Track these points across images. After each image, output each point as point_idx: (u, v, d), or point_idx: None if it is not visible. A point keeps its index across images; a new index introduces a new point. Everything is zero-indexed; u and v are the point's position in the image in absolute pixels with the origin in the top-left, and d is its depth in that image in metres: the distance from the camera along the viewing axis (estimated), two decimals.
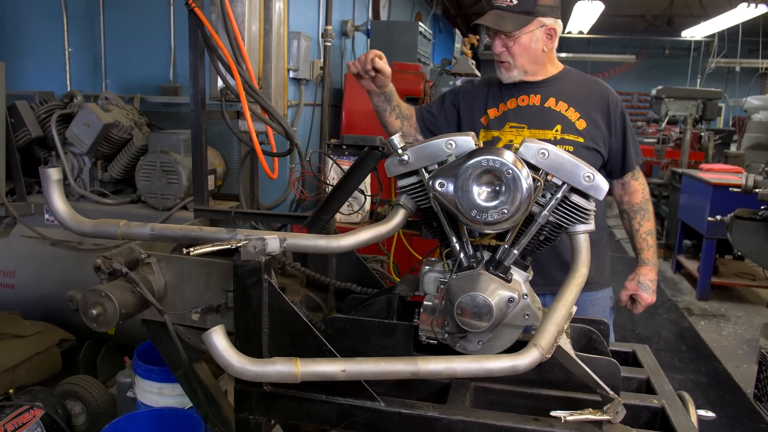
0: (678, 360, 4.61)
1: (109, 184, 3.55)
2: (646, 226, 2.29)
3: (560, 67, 2.28)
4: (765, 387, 3.45)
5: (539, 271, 2.16)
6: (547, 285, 2.15)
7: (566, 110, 2.18)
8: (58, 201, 1.58)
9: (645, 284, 2.24)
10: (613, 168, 2.27)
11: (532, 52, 2.14)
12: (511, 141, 2.20)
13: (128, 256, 1.57)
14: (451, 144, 1.39)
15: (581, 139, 2.15)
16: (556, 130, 2.17)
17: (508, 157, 1.27)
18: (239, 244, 1.39)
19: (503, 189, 1.27)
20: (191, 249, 1.36)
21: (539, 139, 2.06)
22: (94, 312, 1.43)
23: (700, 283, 6.13)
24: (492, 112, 2.27)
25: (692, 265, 6.42)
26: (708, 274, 6.07)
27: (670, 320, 5.50)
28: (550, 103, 2.19)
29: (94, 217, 1.66)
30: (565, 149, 2.04)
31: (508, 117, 2.22)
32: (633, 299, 2.28)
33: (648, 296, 2.24)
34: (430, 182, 1.33)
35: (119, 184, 3.61)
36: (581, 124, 2.17)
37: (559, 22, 2.17)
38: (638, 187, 2.29)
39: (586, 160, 2.04)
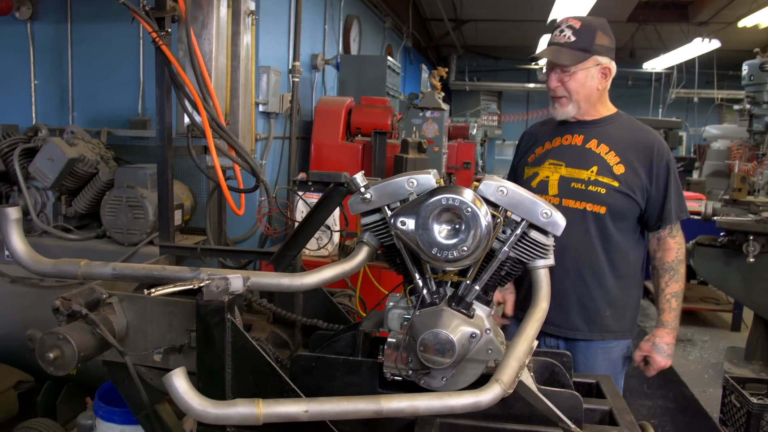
0: (647, 386, 4.65)
1: (74, 219, 3.49)
2: (673, 287, 2.23)
3: (613, 110, 2.31)
4: (729, 411, 3.51)
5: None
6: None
7: (606, 153, 2.19)
8: (16, 241, 1.56)
9: (660, 347, 2.21)
10: (651, 218, 2.24)
11: (587, 88, 2.19)
12: (547, 176, 2.25)
13: (88, 296, 1.55)
14: (412, 182, 1.41)
15: (616, 183, 2.16)
16: (592, 171, 2.18)
17: (467, 195, 1.30)
18: (202, 284, 1.39)
19: (463, 227, 1.29)
20: (152, 290, 1.35)
21: (575, 178, 2.19)
22: (51, 355, 1.40)
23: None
24: (538, 150, 2.33)
25: None
26: None
27: (636, 345, 5.56)
28: (592, 144, 2.22)
29: (58, 253, 1.65)
30: (597, 190, 2.16)
31: (550, 154, 2.28)
32: (646, 360, 2.26)
33: (662, 360, 2.22)
34: (392, 220, 1.35)
35: (84, 218, 3.56)
36: (619, 169, 2.17)
37: (614, 63, 2.22)
38: (673, 245, 2.23)
39: (618, 205, 2.17)
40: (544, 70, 2.27)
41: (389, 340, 1.44)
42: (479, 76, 15.71)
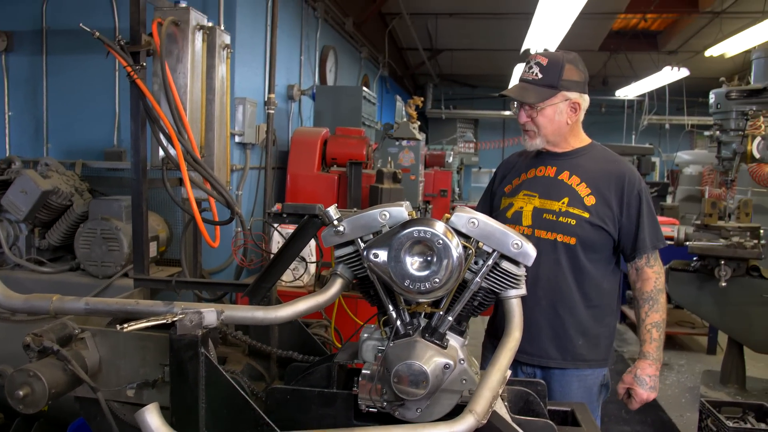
0: (625, 412, 4.66)
1: (47, 251, 3.45)
2: (653, 318, 2.21)
3: (586, 141, 2.34)
4: None
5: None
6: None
7: (577, 185, 2.22)
8: None
9: (642, 379, 2.19)
10: (625, 248, 2.25)
11: (556, 123, 2.23)
12: (521, 207, 2.28)
13: (60, 332, 1.54)
14: (385, 215, 1.44)
15: (586, 215, 2.19)
16: (563, 202, 2.21)
17: (439, 227, 1.32)
18: (175, 318, 1.39)
19: (435, 259, 1.31)
20: (125, 325, 1.34)
21: (547, 209, 2.22)
22: (21, 393, 1.38)
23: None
24: (515, 181, 2.37)
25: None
26: None
27: (616, 371, 5.52)
28: (564, 176, 2.25)
29: (31, 286, 1.63)
30: (567, 221, 2.19)
31: (524, 185, 2.32)
32: (629, 393, 2.23)
33: (644, 392, 2.19)
34: (365, 253, 1.36)
35: (58, 251, 3.52)
36: (590, 200, 2.20)
37: (585, 97, 2.25)
38: (651, 275, 2.23)
39: (589, 236, 2.20)
40: (516, 105, 2.32)
41: (363, 371, 1.44)
42: (455, 104, 15.94)
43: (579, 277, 2.22)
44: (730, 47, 9.13)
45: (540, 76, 2.19)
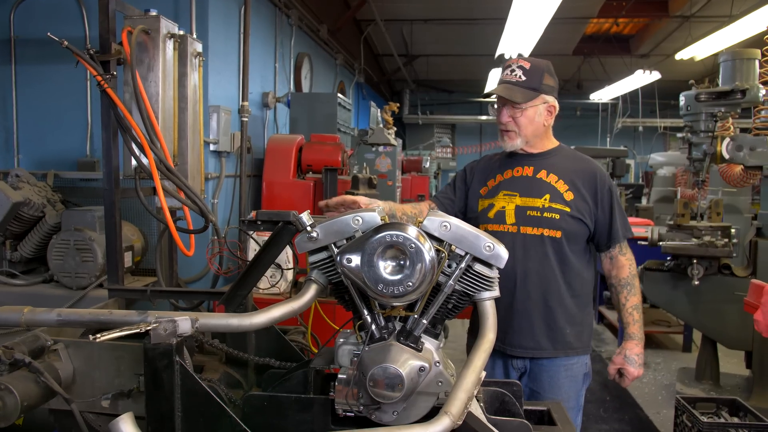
0: (603, 410, 4.73)
1: (20, 263, 3.41)
2: (633, 301, 2.40)
3: (556, 143, 2.48)
4: (682, 431, 3.59)
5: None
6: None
7: (556, 182, 2.35)
8: None
9: (631, 358, 2.35)
10: (600, 240, 2.41)
11: (535, 124, 2.35)
12: (503, 207, 2.37)
13: (32, 344, 1.52)
14: (357, 220, 1.44)
15: (568, 209, 2.32)
16: (545, 199, 2.33)
17: (411, 231, 1.33)
18: (149, 327, 1.38)
19: (408, 263, 1.32)
20: (98, 335, 1.33)
21: (530, 206, 2.32)
22: None
23: (621, 333, 6.34)
24: (490, 183, 2.46)
25: (613, 316, 6.66)
26: None
27: (595, 371, 5.62)
28: (542, 174, 2.37)
29: (3, 299, 1.62)
30: (551, 216, 2.29)
31: (503, 186, 2.41)
32: (621, 373, 2.38)
33: (634, 370, 2.35)
34: (338, 258, 1.37)
35: (30, 263, 3.47)
36: (569, 196, 2.33)
37: (557, 102, 2.39)
38: (625, 262, 2.41)
39: (572, 229, 2.32)
40: (496, 106, 2.41)
41: (340, 376, 1.45)
42: (432, 109, 16.02)
43: (564, 268, 2.35)
44: (699, 50, 9.31)
45: (524, 78, 2.31)
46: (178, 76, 2.42)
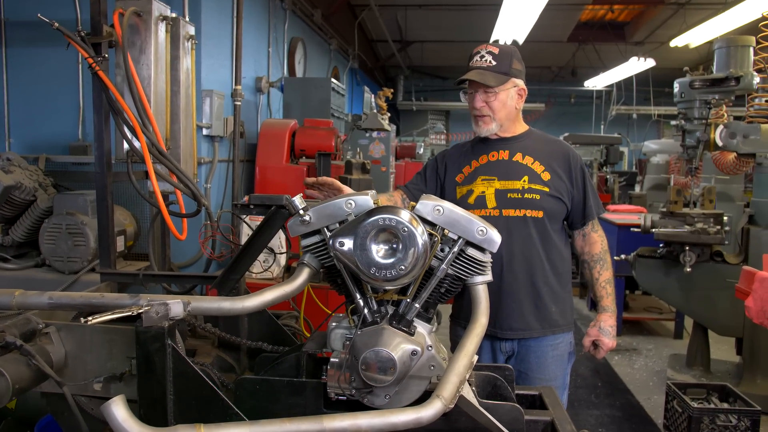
0: (594, 396, 4.76)
1: (11, 248, 3.39)
2: (605, 275, 2.46)
3: (526, 127, 2.51)
4: (672, 416, 3.62)
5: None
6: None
7: (532, 163, 2.39)
8: None
9: (606, 330, 2.41)
10: (575, 217, 2.47)
11: (508, 108, 2.38)
12: (483, 192, 2.39)
13: (24, 327, 1.51)
14: (350, 203, 1.44)
15: (547, 189, 2.36)
16: (524, 181, 2.36)
17: (404, 215, 1.33)
18: (141, 310, 1.37)
19: (400, 246, 1.32)
20: (90, 318, 1.33)
21: (509, 189, 2.35)
22: None
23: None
24: (466, 170, 2.47)
25: None
26: (619, 310, 6.35)
27: (586, 357, 5.65)
28: (518, 157, 2.41)
29: None
30: (532, 197, 2.33)
31: (480, 171, 2.43)
32: (595, 345, 2.43)
33: (609, 341, 2.41)
34: (331, 241, 1.37)
35: (22, 247, 3.46)
36: (546, 176, 2.37)
37: (525, 86, 2.42)
38: (597, 239, 2.48)
39: (552, 208, 2.36)
40: (467, 93, 2.44)
41: (332, 359, 1.45)
42: (426, 95, 15.97)
43: (547, 247, 2.39)
44: (693, 38, 9.30)
45: (494, 63, 2.33)
46: (170, 59, 2.40)
